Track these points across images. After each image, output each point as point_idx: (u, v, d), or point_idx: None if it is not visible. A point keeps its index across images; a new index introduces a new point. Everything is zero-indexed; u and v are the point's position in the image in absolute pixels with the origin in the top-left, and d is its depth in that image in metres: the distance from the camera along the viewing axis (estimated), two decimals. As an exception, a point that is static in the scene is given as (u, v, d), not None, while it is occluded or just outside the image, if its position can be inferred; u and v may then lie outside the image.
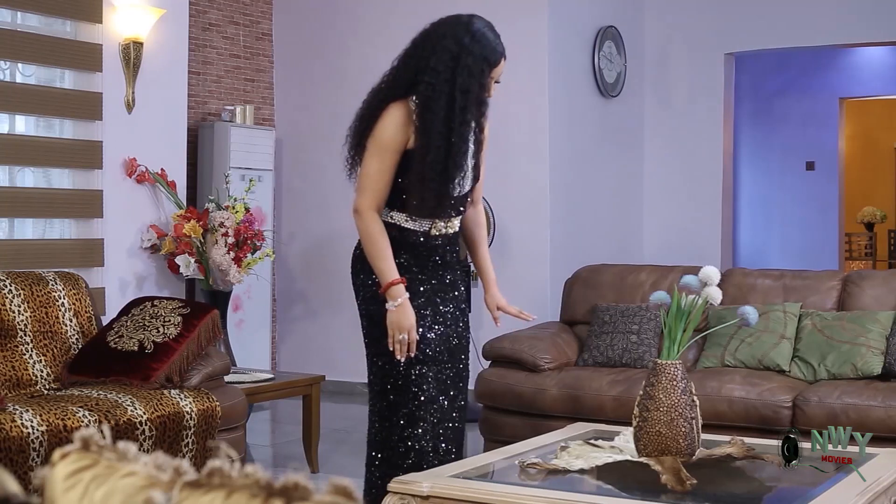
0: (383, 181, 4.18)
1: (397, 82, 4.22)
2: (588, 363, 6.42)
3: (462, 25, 4.25)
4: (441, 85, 4.10)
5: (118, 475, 1.26)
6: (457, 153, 4.15)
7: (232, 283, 7.24)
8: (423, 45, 4.23)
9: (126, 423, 4.95)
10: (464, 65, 4.14)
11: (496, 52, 4.25)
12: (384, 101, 4.20)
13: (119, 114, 6.97)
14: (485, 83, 4.21)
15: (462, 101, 4.12)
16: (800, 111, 13.33)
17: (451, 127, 4.11)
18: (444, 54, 4.14)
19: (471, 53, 4.16)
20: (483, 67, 4.19)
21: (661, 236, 9.96)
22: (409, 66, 4.21)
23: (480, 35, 4.24)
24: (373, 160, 4.18)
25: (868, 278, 6.37)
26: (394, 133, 4.15)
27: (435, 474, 3.92)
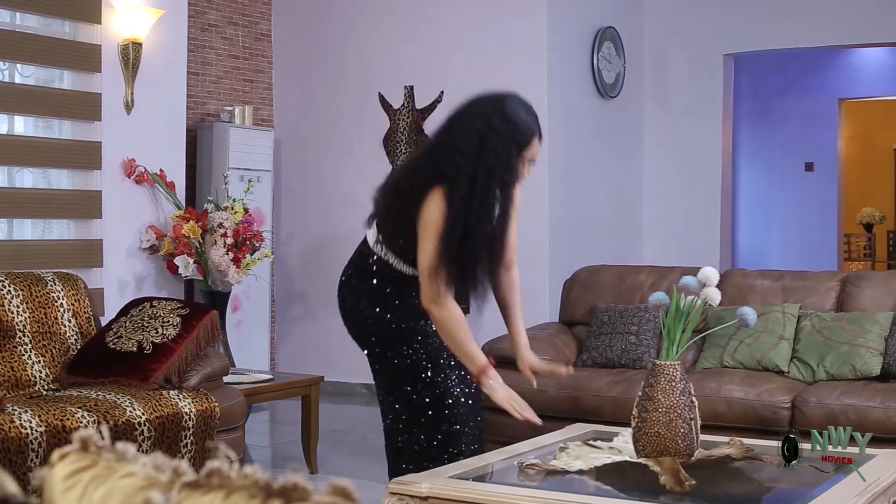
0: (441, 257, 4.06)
1: (434, 162, 4.09)
2: (587, 364, 6.41)
3: (494, 104, 4.11)
4: (465, 165, 3.98)
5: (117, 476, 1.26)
6: (472, 236, 4.03)
7: (231, 284, 7.25)
8: (456, 124, 4.13)
9: (125, 424, 4.95)
10: (490, 145, 4.01)
11: (527, 132, 4.08)
12: (426, 183, 4.06)
13: (118, 114, 6.97)
14: (512, 164, 4.05)
15: (484, 182, 3.99)
16: (799, 112, 13.34)
17: (470, 208, 3.99)
18: (471, 134, 4.02)
19: (498, 133, 4.02)
20: (510, 148, 4.03)
21: (660, 237, 9.97)
22: (442, 145, 4.11)
23: (512, 114, 4.09)
24: (429, 244, 4.05)
25: (867, 279, 6.37)
26: (440, 215, 4.01)
27: (434, 475, 3.92)
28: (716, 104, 9.93)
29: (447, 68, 9.00)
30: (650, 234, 10.03)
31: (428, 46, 9.10)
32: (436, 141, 4.19)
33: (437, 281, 4.05)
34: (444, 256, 4.03)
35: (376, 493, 4.13)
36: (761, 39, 9.86)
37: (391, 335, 4.37)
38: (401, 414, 4.44)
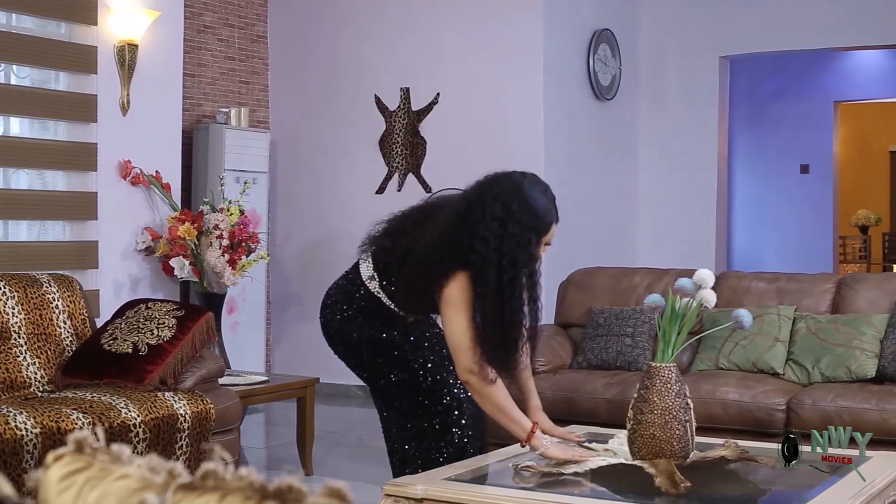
0: (473, 330, 4.08)
1: (457, 246, 4.07)
2: (582, 366, 6.42)
3: (512, 189, 4.09)
4: (490, 255, 3.99)
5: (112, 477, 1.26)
6: (509, 326, 4.08)
7: (226, 286, 7.24)
8: (477, 207, 4.08)
9: (120, 426, 4.94)
10: (511, 233, 4.02)
11: (544, 221, 4.11)
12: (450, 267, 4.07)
13: (114, 116, 6.96)
14: (531, 251, 4.10)
15: (511, 273, 4.02)
16: (794, 114, 13.35)
17: (503, 299, 4.02)
18: (492, 222, 4.02)
19: (518, 222, 4.03)
20: (530, 237, 4.07)
21: (656, 239, 9.97)
22: (464, 227, 4.08)
23: (530, 201, 4.09)
24: (459, 318, 4.08)
25: (862, 281, 6.37)
26: (466, 294, 4.06)
27: (429, 477, 3.92)
28: (711, 106, 9.94)
29: (443, 70, 9.00)
30: (646, 235, 10.04)
31: (424, 48, 9.10)
32: (455, 221, 4.14)
33: (473, 354, 4.07)
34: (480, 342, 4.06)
35: (372, 495, 4.13)
36: (757, 42, 9.87)
37: (385, 351, 4.41)
38: (406, 424, 4.47)
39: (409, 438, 4.47)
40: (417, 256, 4.21)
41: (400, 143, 9.12)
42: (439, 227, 4.15)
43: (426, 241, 4.19)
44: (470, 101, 8.96)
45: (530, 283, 4.18)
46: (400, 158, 9.14)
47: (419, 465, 4.41)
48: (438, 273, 4.09)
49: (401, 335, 4.39)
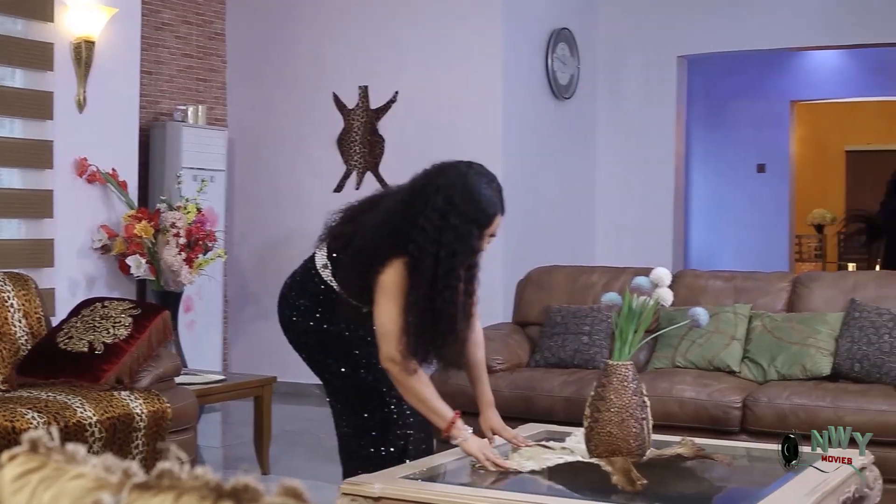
0: (402, 320, 4.03)
1: (396, 233, 4.03)
2: (540, 364, 6.43)
3: (456, 179, 4.02)
4: (428, 245, 3.93)
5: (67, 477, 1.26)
6: (439, 318, 4.01)
7: (183, 284, 7.21)
8: (419, 195, 4.03)
9: (75, 425, 4.92)
10: (451, 225, 3.96)
11: (487, 213, 4.02)
12: (387, 253, 4.03)
13: (70, 113, 6.91)
14: (471, 244, 4.02)
15: (448, 265, 3.95)
16: (751, 114, 13.42)
17: (435, 292, 3.96)
18: (433, 213, 3.95)
19: (460, 214, 3.96)
20: (472, 229, 4.00)
21: (613, 238, 10.01)
22: (407, 215, 4.03)
23: (473, 193, 4.01)
24: (389, 306, 4.03)
25: (817, 280, 6.42)
26: (399, 281, 4.01)
27: (386, 475, 3.92)
28: (669, 106, 9.99)
29: (402, 69, 9.00)
30: (603, 234, 10.07)
31: (382, 47, 9.10)
32: (398, 208, 4.10)
33: (398, 343, 4.02)
34: (411, 330, 4.01)
35: (329, 494, 4.12)
36: (714, 41, 9.92)
37: (332, 344, 4.39)
38: (350, 420, 4.45)
39: (353, 434, 4.46)
40: (357, 243, 4.19)
41: (358, 142, 9.11)
42: (381, 215, 4.14)
43: (367, 227, 4.17)
44: (428, 100, 8.96)
45: (468, 276, 4.10)
46: (358, 157, 9.13)
47: (363, 461, 4.40)
48: (375, 260, 4.05)
49: (349, 328, 4.36)
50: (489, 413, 4.43)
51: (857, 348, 5.79)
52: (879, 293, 6.08)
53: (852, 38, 9.68)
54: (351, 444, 4.47)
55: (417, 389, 4.11)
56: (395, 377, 4.11)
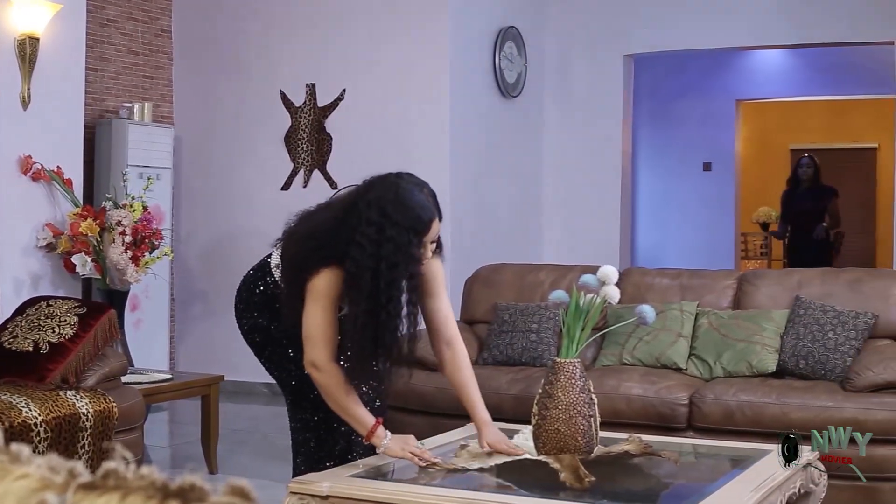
0: (331, 330, 4.02)
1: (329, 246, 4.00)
2: (488, 362, 6.44)
3: (387, 191, 3.97)
4: (366, 260, 3.88)
5: (11, 478, 1.24)
6: (384, 330, 3.95)
7: (129, 283, 7.17)
8: (352, 213, 3.99)
9: (21, 425, 4.87)
10: (388, 237, 3.89)
11: (423, 220, 3.95)
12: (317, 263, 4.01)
13: (14, 110, 6.85)
14: (412, 253, 3.94)
15: (389, 277, 3.89)
16: (697, 112, 13.51)
17: (378, 305, 3.90)
18: (368, 228, 3.90)
19: (395, 224, 3.89)
20: (410, 238, 3.92)
21: (561, 236, 10.04)
22: (338, 232, 4.00)
23: (407, 201, 3.95)
24: (315, 313, 4.01)
25: (763, 277, 6.47)
26: (330, 286, 3.98)
27: (334, 474, 3.92)
28: (616, 104, 10.03)
29: (349, 66, 8.99)
30: (551, 232, 10.10)
31: (330, 44, 9.08)
32: (329, 224, 4.05)
33: (321, 350, 4.01)
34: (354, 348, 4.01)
35: (277, 493, 4.11)
36: (660, 41, 9.98)
37: (272, 343, 4.39)
38: (298, 414, 4.44)
39: (301, 428, 4.45)
40: (289, 250, 4.18)
41: (305, 140, 9.08)
42: (311, 228, 4.11)
43: (296, 236, 4.15)
44: (376, 98, 8.95)
45: (411, 286, 4.02)
46: (305, 155, 9.11)
47: (308, 455, 4.40)
48: (304, 269, 4.03)
49: (295, 325, 4.32)
50: (486, 431, 4.27)
51: (802, 345, 5.84)
52: (824, 290, 6.14)
53: (797, 38, 9.76)
54: (298, 438, 4.47)
55: (337, 396, 4.06)
56: (317, 382, 4.07)
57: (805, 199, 11.59)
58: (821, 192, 11.64)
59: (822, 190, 11.70)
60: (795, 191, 11.78)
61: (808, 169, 11.67)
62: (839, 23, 9.34)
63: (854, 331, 5.82)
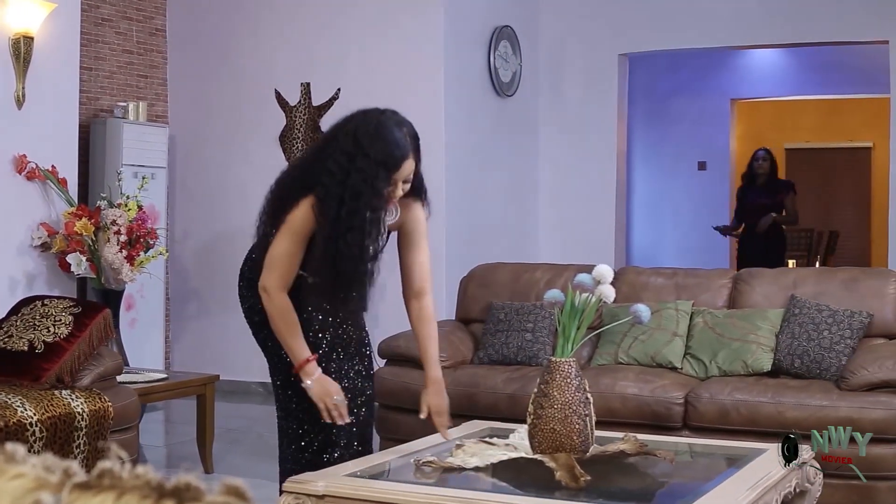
0: (291, 263, 4.13)
1: (308, 174, 4.11)
2: (483, 361, 6.44)
3: (366, 122, 4.08)
4: (334, 187, 3.98)
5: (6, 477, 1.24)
6: (342, 259, 4.02)
7: (124, 282, 7.16)
8: (331, 140, 4.12)
9: (16, 425, 4.87)
10: (358, 167, 3.97)
11: (394, 156, 4.01)
12: (298, 193, 4.10)
13: (8, 109, 6.84)
14: (378, 187, 3.99)
15: (352, 205, 3.97)
16: (692, 112, 13.52)
17: (338, 233, 3.99)
18: (341, 156, 4.00)
19: (366, 156, 3.97)
20: (378, 172, 3.98)
21: (556, 235, 10.04)
22: (317, 158, 4.14)
23: (383, 136, 4.02)
24: (282, 241, 4.11)
25: (758, 276, 6.47)
26: (302, 222, 4.07)
27: (330, 473, 3.91)
28: (611, 103, 10.04)
29: (344, 65, 8.98)
30: (546, 231, 10.10)
31: (325, 43, 9.07)
32: (310, 154, 4.22)
33: (276, 278, 4.11)
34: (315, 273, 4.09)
35: (272, 492, 4.12)
36: (655, 40, 9.99)
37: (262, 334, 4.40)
38: (283, 403, 4.44)
39: (285, 416, 4.46)
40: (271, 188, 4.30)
41: (300, 139, 9.07)
42: (295, 161, 4.24)
43: (283, 172, 4.32)
44: (371, 97, 8.89)
45: (373, 219, 4.04)
46: (300, 154, 9.10)
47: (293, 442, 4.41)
48: (286, 201, 4.13)
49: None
50: (433, 388, 4.34)
51: (798, 344, 5.84)
52: (819, 289, 6.14)
53: (792, 37, 9.78)
54: (283, 426, 4.47)
55: (279, 325, 4.15)
56: (265, 306, 4.16)
57: (761, 194, 10.86)
58: (777, 187, 10.96)
59: (779, 185, 11.03)
60: (751, 186, 11.02)
61: (763, 163, 10.94)
62: (833, 22, 9.35)
63: (849, 330, 5.82)
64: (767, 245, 10.70)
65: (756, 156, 11.02)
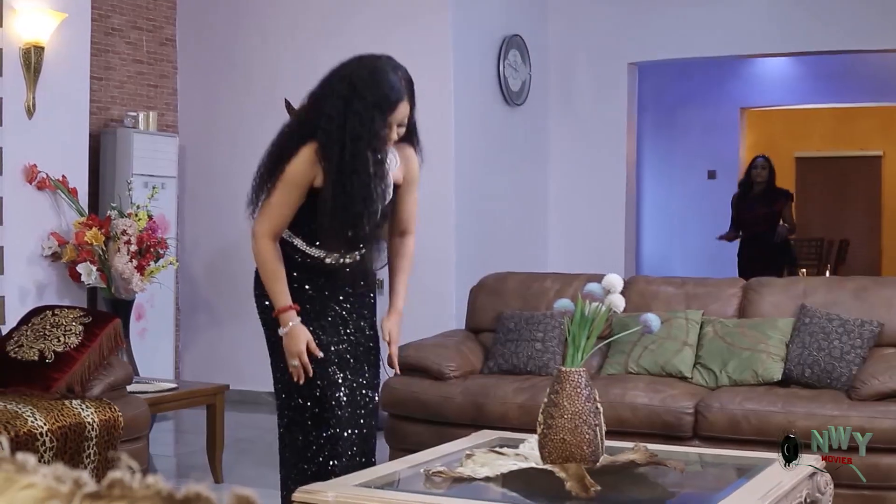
0: (284, 212, 4.25)
1: (305, 124, 4.26)
2: (493, 371, 6.44)
3: (361, 67, 4.24)
4: (334, 132, 4.11)
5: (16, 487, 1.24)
6: (349, 201, 4.14)
7: (134, 292, 7.17)
8: (325, 86, 4.27)
9: (26, 434, 4.87)
10: (354, 110, 4.11)
11: (388, 98, 4.16)
12: (297, 142, 4.22)
13: (19, 119, 6.85)
14: (375, 129, 4.13)
15: (353, 149, 4.09)
16: (701, 121, 13.51)
17: (343, 175, 4.10)
18: (337, 100, 4.15)
19: (362, 99, 4.12)
20: (374, 114, 4.12)
21: (566, 244, 10.03)
22: (314, 107, 4.25)
23: (377, 78, 4.19)
24: (279, 191, 4.23)
25: (768, 286, 6.46)
26: (302, 171, 4.18)
27: (339, 483, 3.91)
28: (620, 112, 10.03)
29: (354, 75, 8.97)
30: (555, 241, 10.09)
31: (333, 52, 8.99)
32: (307, 104, 4.31)
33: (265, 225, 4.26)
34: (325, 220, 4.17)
35: (282, 502, 4.11)
36: (665, 49, 9.98)
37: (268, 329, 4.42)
38: (284, 409, 4.44)
39: (286, 423, 4.46)
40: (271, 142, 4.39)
41: (310, 148, 9.07)
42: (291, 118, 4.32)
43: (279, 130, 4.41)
44: (381, 107, 8.94)
45: (375, 160, 4.17)
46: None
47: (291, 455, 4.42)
48: (285, 152, 4.24)
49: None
50: (393, 319, 4.48)
51: (808, 353, 5.83)
52: (829, 298, 6.14)
53: (801, 46, 9.77)
54: (282, 434, 4.47)
55: (265, 269, 4.28)
56: (253, 249, 4.31)
57: (759, 203, 10.58)
58: (775, 196, 10.66)
59: (777, 193, 10.72)
60: (748, 194, 10.74)
61: (762, 170, 10.66)
62: (844, 30, 9.34)
63: (860, 339, 5.81)
64: (775, 254, 10.52)
65: (755, 163, 10.79)
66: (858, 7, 9.20)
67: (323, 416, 4.29)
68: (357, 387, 4.36)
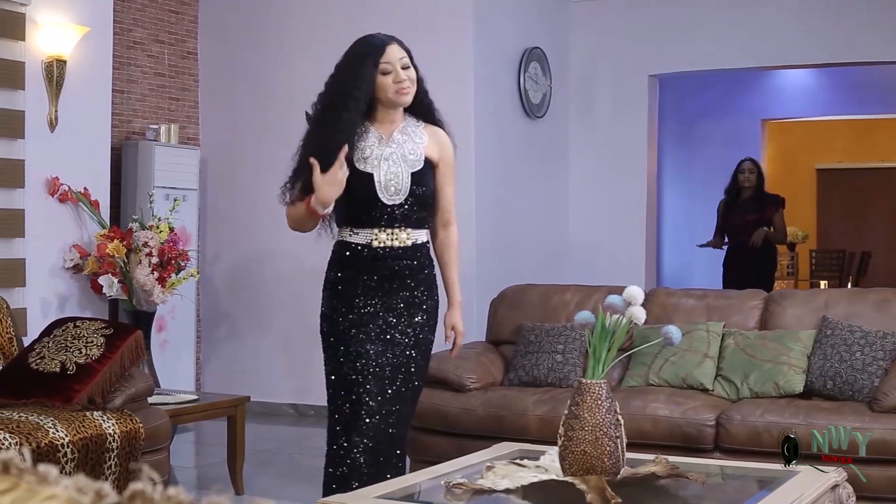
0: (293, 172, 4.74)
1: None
2: (514, 383, 6.43)
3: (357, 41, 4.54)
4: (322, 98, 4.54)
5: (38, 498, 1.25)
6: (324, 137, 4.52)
7: (156, 304, 7.18)
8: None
9: (48, 446, 4.89)
10: (340, 64, 4.49)
11: (374, 44, 4.45)
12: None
13: (42, 132, 6.88)
14: (359, 73, 4.40)
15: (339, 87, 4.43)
16: (722, 132, 13.49)
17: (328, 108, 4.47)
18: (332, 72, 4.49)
19: (348, 54, 4.46)
20: (363, 61, 4.41)
21: (586, 256, 10.02)
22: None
23: (364, 38, 4.51)
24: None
25: (789, 298, 6.44)
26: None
27: (360, 495, 3.91)
28: (641, 124, 10.02)
29: (374, 87, 8.99)
30: (576, 253, 10.09)
31: (355, 66, 9.09)
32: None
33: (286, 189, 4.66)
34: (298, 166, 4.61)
35: (303, 514, 4.12)
36: (685, 61, 9.97)
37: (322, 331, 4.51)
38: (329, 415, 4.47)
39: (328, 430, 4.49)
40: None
41: (331, 161, 9.08)
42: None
43: None
44: (401, 119, 8.95)
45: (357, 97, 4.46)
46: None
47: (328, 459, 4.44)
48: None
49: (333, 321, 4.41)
50: (451, 311, 4.81)
51: (830, 365, 5.81)
52: (850, 310, 6.12)
53: (822, 58, 9.75)
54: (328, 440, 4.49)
55: (291, 213, 4.58)
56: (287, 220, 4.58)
57: (747, 209, 10.06)
58: (765, 202, 10.12)
59: (767, 199, 10.17)
60: (736, 200, 10.22)
61: (750, 175, 10.12)
62: (864, 42, 9.32)
63: (882, 351, 5.79)
64: (755, 264, 10.03)
65: (741, 167, 10.25)
66: (879, 19, 9.18)
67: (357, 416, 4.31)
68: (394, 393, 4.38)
